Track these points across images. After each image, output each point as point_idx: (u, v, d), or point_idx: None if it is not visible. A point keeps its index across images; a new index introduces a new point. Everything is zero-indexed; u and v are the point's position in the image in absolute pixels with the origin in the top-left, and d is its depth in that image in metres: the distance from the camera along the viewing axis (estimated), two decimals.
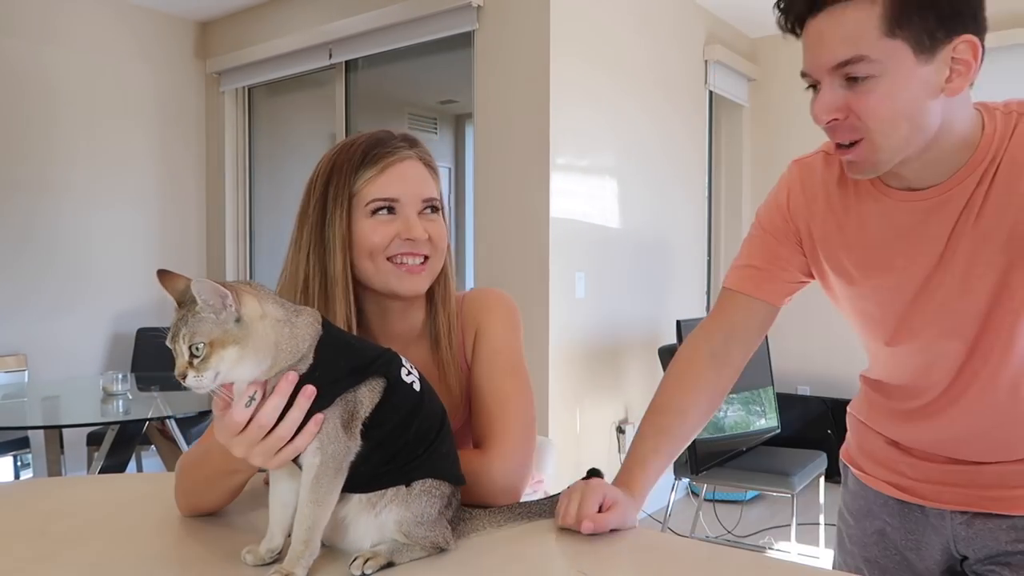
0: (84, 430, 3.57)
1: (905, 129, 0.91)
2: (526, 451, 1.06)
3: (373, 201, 1.05)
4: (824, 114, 0.93)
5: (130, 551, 0.93)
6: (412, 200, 1.07)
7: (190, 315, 0.78)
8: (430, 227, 1.08)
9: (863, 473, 1.22)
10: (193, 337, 0.77)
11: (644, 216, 3.92)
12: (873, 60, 0.88)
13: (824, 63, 0.91)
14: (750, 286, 1.15)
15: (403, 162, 1.07)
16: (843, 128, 0.94)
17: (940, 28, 0.87)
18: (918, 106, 0.90)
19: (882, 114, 0.90)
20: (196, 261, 4.76)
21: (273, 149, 4.68)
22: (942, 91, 0.90)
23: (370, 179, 1.05)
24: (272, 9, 4.44)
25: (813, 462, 3.15)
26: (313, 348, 0.83)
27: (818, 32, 0.91)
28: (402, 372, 0.89)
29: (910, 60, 0.88)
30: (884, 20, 0.87)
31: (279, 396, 0.80)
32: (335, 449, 0.82)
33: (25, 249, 3.96)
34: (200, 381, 0.78)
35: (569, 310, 3.39)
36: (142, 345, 4.14)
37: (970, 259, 0.97)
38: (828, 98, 0.93)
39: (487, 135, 3.45)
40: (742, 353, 1.17)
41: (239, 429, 0.80)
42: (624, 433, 3.71)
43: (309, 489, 0.82)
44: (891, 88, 0.89)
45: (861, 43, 0.88)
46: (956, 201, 0.97)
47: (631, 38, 3.77)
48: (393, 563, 0.85)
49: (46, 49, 4.03)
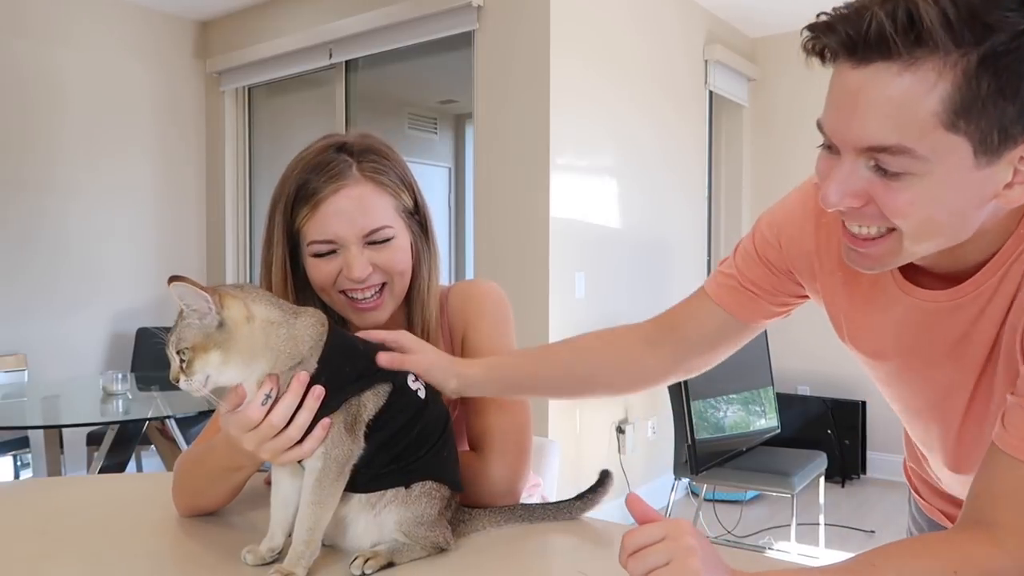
0: (84, 430, 3.57)
1: (938, 239, 0.72)
2: (522, 453, 1.05)
3: (311, 243, 1.00)
4: (838, 200, 0.71)
5: (130, 551, 0.93)
6: (352, 237, 0.99)
7: (180, 321, 0.80)
8: (378, 257, 1.01)
9: (920, 499, 1.13)
10: (179, 343, 0.79)
11: (644, 216, 3.92)
12: (918, 156, 0.66)
13: (852, 139, 0.69)
14: (726, 299, 0.99)
15: (339, 193, 0.98)
16: (861, 216, 0.73)
17: (1018, 124, 0.64)
18: (961, 214, 0.70)
19: (913, 217, 0.69)
20: (196, 261, 4.76)
21: (273, 149, 4.67)
22: (996, 197, 0.68)
23: (306, 217, 1.00)
24: (272, 9, 4.44)
25: (813, 462, 3.15)
26: (316, 350, 0.83)
27: (854, 91, 0.67)
28: (408, 379, 0.89)
29: (967, 161, 0.66)
30: (948, 105, 0.63)
31: (292, 396, 0.81)
32: (338, 453, 0.82)
33: (25, 249, 3.96)
34: (191, 385, 0.80)
35: (569, 310, 3.39)
36: (142, 345, 4.14)
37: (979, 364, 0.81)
38: (847, 181, 0.70)
39: (487, 135, 3.45)
40: (678, 353, 1.02)
41: (253, 425, 0.81)
42: (624, 433, 3.71)
43: (311, 491, 0.82)
44: (932, 192, 0.67)
45: (908, 130, 0.65)
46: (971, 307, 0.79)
47: (631, 38, 3.77)
48: (393, 563, 0.85)
49: (46, 49, 4.02)
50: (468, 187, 4.10)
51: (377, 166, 1.03)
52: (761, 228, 0.98)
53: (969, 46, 0.62)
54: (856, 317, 0.91)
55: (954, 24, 0.61)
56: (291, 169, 1.03)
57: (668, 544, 0.67)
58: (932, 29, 0.62)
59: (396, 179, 1.05)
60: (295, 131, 4.66)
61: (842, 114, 0.69)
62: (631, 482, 3.72)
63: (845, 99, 0.68)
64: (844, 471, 4.24)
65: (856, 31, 0.65)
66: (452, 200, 5.13)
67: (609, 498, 1.05)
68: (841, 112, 0.69)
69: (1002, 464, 0.72)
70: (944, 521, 1.09)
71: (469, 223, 3.79)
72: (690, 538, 0.68)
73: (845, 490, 4.17)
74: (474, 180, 3.52)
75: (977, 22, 0.61)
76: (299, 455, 0.82)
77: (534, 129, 3.28)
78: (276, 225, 1.02)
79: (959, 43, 0.62)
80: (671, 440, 3.19)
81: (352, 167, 1.01)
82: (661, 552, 0.67)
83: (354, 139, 1.05)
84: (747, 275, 0.98)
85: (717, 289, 1.00)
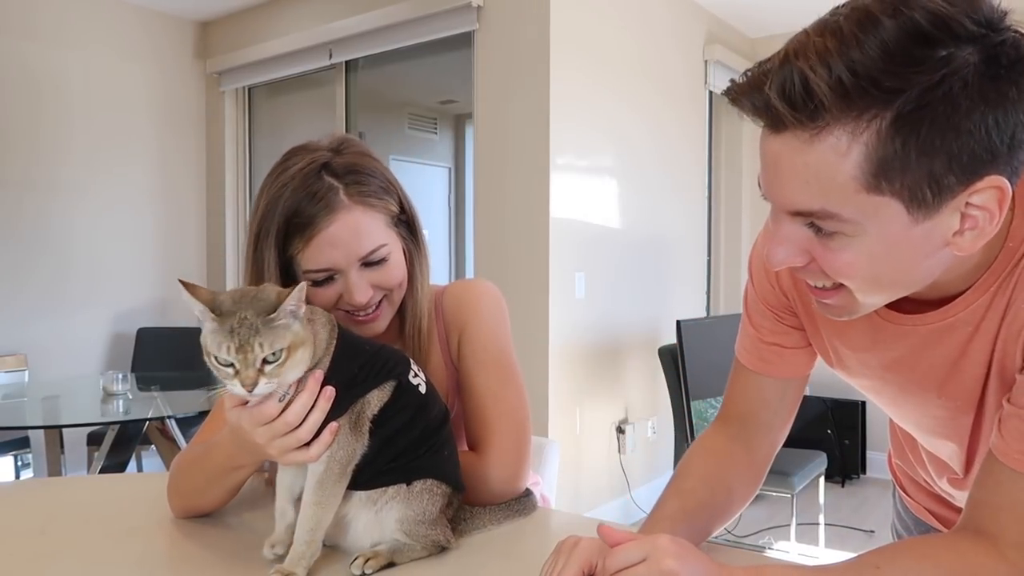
0: (84, 430, 3.56)
1: (889, 291, 0.71)
2: (521, 452, 1.05)
3: (307, 272, 0.99)
4: (780, 260, 0.69)
5: (130, 551, 0.93)
6: (348, 262, 0.99)
7: (260, 324, 0.78)
8: (376, 277, 1.01)
9: (906, 495, 1.11)
10: (273, 344, 0.78)
11: (644, 216, 3.92)
12: (846, 220, 0.64)
13: (780, 202, 0.67)
14: (764, 366, 0.94)
15: (333, 225, 0.97)
16: (807, 272, 0.71)
17: (950, 174, 0.61)
18: (908, 269, 0.68)
19: (857, 277, 0.68)
20: (196, 261, 4.76)
21: (273, 149, 4.67)
22: (948, 245, 0.65)
23: (299, 249, 0.98)
24: (272, 9, 4.44)
25: (813, 462, 3.15)
26: (329, 351, 0.85)
27: (774, 157, 0.65)
28: (410, 374, 0.90)
29: (902, 218, 0.63)
30: (867, 168, 0.61)
31: (308, 394, 0.81)
32: (342, 454, 0.83)
33: (25, 249, 3.96)
34: (270, 387, 0.78)
35: (569, 310, 3.39)
36: (142, 345, 4.14)
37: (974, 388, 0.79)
38: (787, 240, 0.68)
39: (487, 135, 3.45)
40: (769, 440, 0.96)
41: (268, 420, 0.81)
42: (624, 433, 3.71)
43: (313, 491, 0.82)
44: (871, 250, 0.65)
45: (830, 196, 0.63)
46: (963, 327, 0.76)
47: (631, 38, 3.77)
48: (394, 563, 0.85)
49: (46, 49, 4.02)
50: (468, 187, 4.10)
51: (363, 187, 1.00)
52: (752, 271, 0.96)
53: (878, 108, 0.59)
54: (845, 351, 0.88)
55: (851, 92, 0.58)
56: (274, 196, 0.99)
57: (649, 567, 0.66)
58: (826, 102, 0.59)
59: (381, 190, 1.02)
60: (295, 131, 4.66)
61: (768, 177, 0.67)
62: (631, 482, 3.72)
63: (768, 163, 0.66)
64: (844, 471, 4.24)
65: (758, 104, 0.63)
66: (452, 200, 5.13)
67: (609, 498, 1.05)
68: (767, 175, 0.67)
69: (1002, 475, 0.71)
70: (931, 520, 1.07)
71: (469, 223, 3.80)
72: (670, 560, 0.66)
73: (845, 490, 4.17)
74: (474, 180, 3.52)
75: (879, 85, 0.58)
76: (305, 459, 0.83)
77: (534, 129, 3.28)
78: (265, 255, 0.99)
79: (862, 109, 0.59)
80: (671, 440, 3.19)
81: (340, 193, 0.98)
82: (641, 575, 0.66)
83: (334, 156, 1.01)
84: (763, 327, 0.94)
85: (749, 358, 0.96)
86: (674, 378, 3.08)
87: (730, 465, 0.94)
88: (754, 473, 0.96)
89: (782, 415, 0.96)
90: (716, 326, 3.45)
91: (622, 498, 3.69)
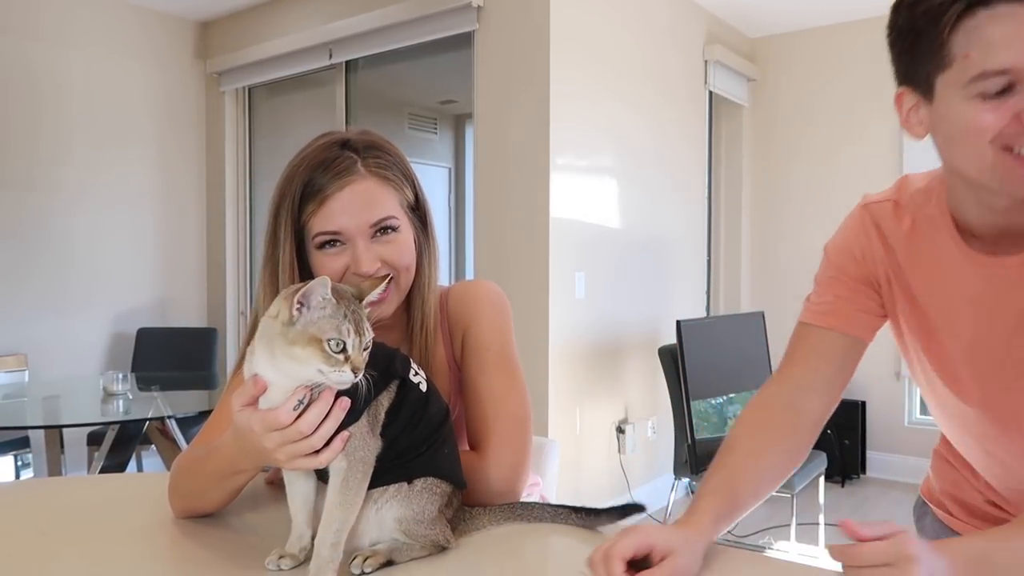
0: (84, 430, 3.57)
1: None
2: (522, 452, 1.05)
3: (317, 235, 1.00)
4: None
5: (130, 551, 0.93)
6: (359, 229, 1.00)
7: (361, 321, 0.80)
8: (385, 250, 1.02)
9: (950, 516, 1.12)
10: (368, 335, 0.81)
11: (644, 216, 3.92)
12: None
13: None
14: (831, 319, 1.01)
15: (345, 189, 0.99)
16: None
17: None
18: None
19: None
20: (196, 261, 4.76)
21: (273, 149, 4.68)
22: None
23: (312, 212, 1.00)
24: (272, 9, 4.44)
25: (813, 462, 3.15)
26: None
27: None
28: (410, 372, 0.90)
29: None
30: None
31: (323, 404, 0.80)
32: (364, 454, 0.83)
33: (24, 249, 3.96)
34: (360, 376, 0.80)
35: (569, 310, 3.39)
36: (142, 345, 4.14)
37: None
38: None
39: (487, 135, 3.45)
40: (822, 402, 1.01)
41: (280, 427, 0.80)
42: (624, 433, 3.71)
43: (338, 492, 0.82)
44: None
45: None
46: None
47: (631, 38, 3.77)
48: (393, 561, 0.85)
49: (46, 49, 4.03)
50: (468, 187, 4.10)
51: (381, 161, 1.03)
52: (831, 255, 1.05)
53: None
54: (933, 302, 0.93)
55: None
56: (294, 168, 1.02)
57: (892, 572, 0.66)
58: None
59: (399, 174, 1.05)
60: (295, 131, 4.66)
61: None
62: (631, 482, 3.72)
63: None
64: (844, 471, 4.24)
65: None
66: (452, 200, 5.13)
67: (609, 497, 1.05)
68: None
69: None
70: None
71: (469, 223, 3.80)
72: (914, 566, 0.66)
73: (845, 490, 4.17)
74: (474, 180, 3.52)
75: None
76: (313, 464, 0.82)
77: (534, 129, 3.28)
78: (282, 224, 1.01)
79: None
80: (671, 440, 3.19)
81: (357, 163, 1.01)
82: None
83: (355, 136, 1.05)
84: (838, 294, 1.01)
85: (817, 317, 1.03)
86: (674, 378, 3.08)
87: (776, 437, 0.98)
88: (801, 443, 1.00)
89: (837, 381, 1.02)
90: (716, 326, 3.45)
91: (622, 498, 3.68)
